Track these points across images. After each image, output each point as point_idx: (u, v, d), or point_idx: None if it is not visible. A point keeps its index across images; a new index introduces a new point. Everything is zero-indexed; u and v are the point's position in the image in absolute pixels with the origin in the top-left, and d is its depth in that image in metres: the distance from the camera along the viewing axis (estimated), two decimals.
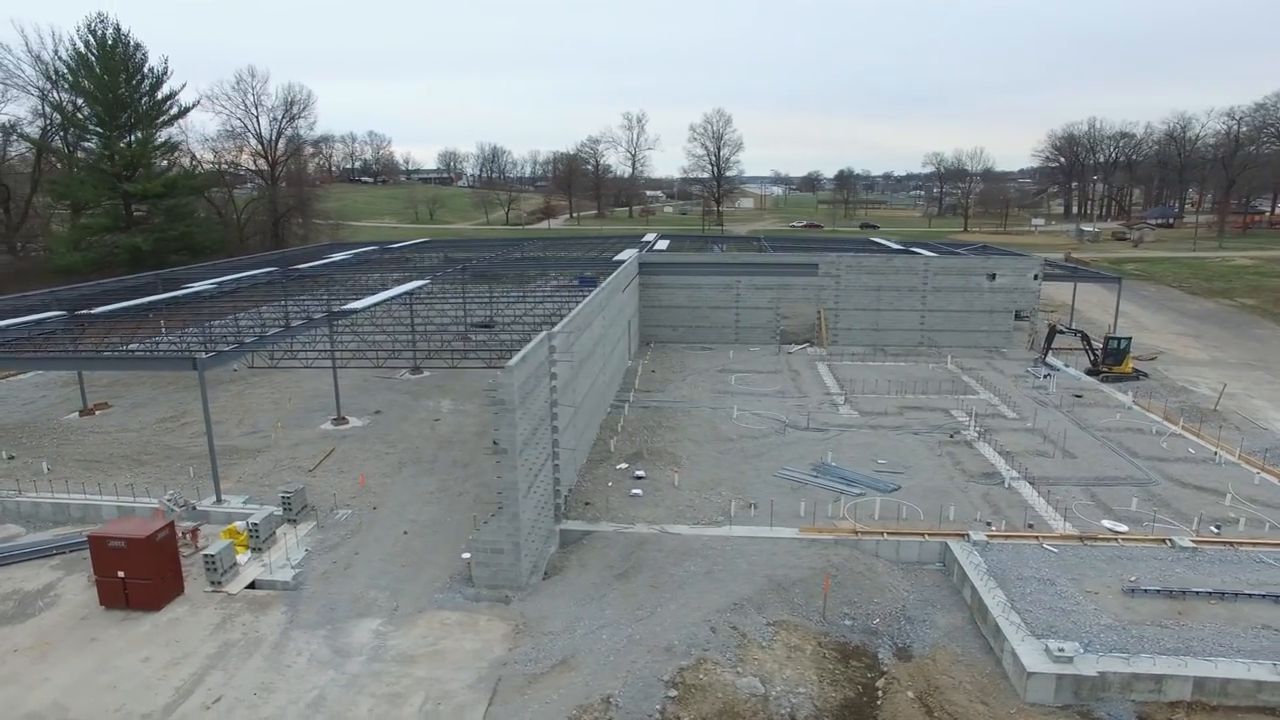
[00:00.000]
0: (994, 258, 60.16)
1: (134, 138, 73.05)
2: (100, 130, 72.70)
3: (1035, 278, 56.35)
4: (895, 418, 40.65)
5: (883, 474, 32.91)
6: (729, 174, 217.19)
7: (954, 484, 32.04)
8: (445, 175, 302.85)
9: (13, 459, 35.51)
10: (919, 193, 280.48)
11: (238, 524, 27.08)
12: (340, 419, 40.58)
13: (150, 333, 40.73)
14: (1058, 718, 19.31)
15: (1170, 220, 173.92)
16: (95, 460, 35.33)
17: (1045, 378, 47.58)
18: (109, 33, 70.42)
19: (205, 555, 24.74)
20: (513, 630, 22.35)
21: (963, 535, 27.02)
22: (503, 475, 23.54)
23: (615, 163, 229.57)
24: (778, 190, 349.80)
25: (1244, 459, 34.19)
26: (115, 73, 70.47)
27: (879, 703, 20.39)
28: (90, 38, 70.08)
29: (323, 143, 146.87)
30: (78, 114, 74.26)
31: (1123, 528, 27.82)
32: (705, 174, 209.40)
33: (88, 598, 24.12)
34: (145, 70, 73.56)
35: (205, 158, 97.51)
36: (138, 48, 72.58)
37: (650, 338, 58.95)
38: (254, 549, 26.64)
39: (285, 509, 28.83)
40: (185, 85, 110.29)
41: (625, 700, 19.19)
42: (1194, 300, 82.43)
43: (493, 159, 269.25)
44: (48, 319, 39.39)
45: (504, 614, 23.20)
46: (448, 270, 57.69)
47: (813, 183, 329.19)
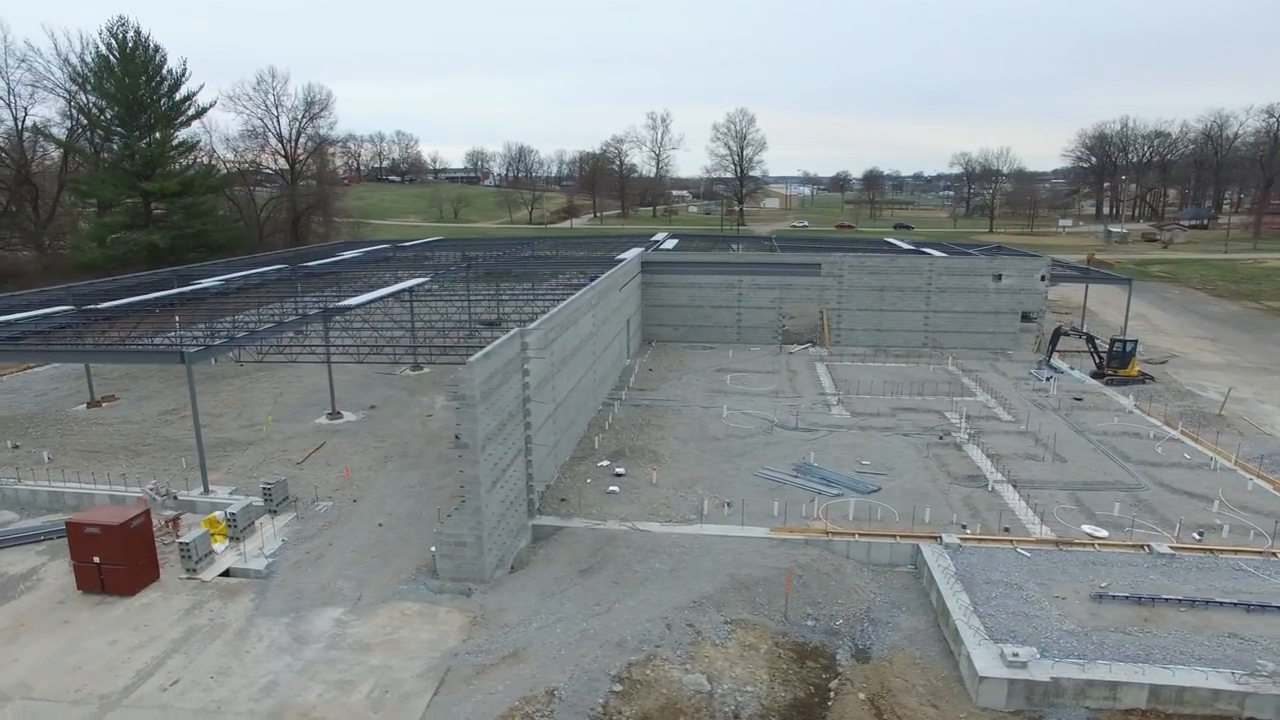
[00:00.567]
0: (1001, 258, 59.20)
1: (153, 138, 75.04)
2: (121, 131, 74.79)
3: (1042, 279, 55.36)
4: (887, 419, 40.26)
5: (864, 475, 32.63)
6: (752, 174, 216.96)
7: (936, 486, 31.67)
8: (472, 174, 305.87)
9: (17, 448, 36.67)
10: (949, 193, 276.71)
11: (217, 514, 27.72)
12: (335, 413, 41.27)
13: (152, 327, 41.76)
14: None
15: (1205, 221, 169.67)
16: (95, 450, 36.34)
17: (1047, 380, 46.76)
18: (129, 36, 72.47)
19: (180, 543, 25.39)
20: (470, 622, 22.61)
21: (935, 538, 26.74)
22: (464, 470, 23.81)
23: (640, 162, 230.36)
24: (805, 190, 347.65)
25: (1240, 465, 33.33)
26: (135, 75, 72.46)
27: (829, 704, 20.31)
28: (112, 41, 72.20)
29: (346, 142, 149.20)
30: (100, 115, 76.41)
31: (1102, 533, 27.30)
32: (728, 174, 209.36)
33: (67, 582, 24.84)
34: (164, 72, 75.56)
35: (227, 157, 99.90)
36: (157, 50, 74.57)
37: (652, 336, 59.02)
38: (232, 538, 27.24)
39: (266, 500, 29.43)
40: (203, 87, 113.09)
41: (569, 693, 19.32)
42: (1218, 303, 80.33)
43: (519, 158, 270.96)
44: (55, 313, 40.63)
45: (464, 606, 23.47)
46: (451, 269, 58.30)
47: (841, 183, 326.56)
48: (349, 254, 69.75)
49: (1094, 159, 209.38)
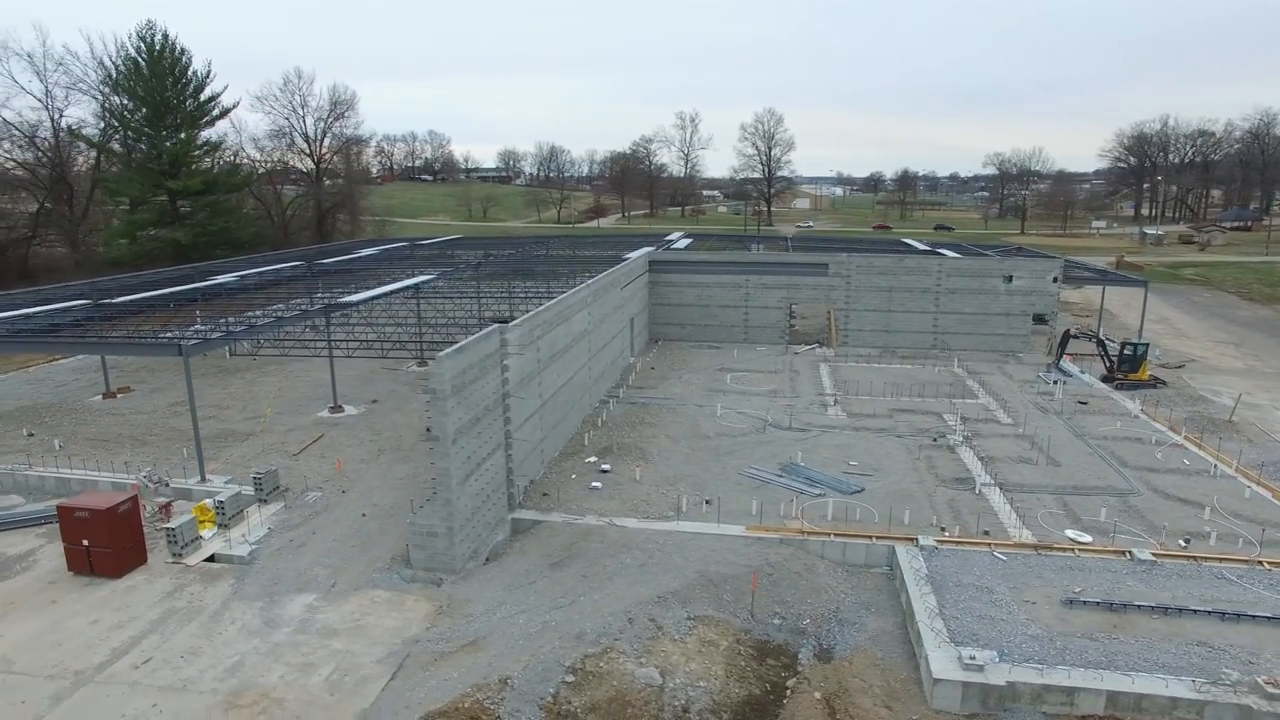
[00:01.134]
0: (1013, 259, 58.22)
1: (178, 138, 77.36)
2: (149, 131, 77.19)
3: (1055, 280, 54.33)
4: (883, 420, 39.92)
5: (851, 476, 32.45)
6: (781, 174, 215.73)
7: (922, 488, 31.37)
8: (504, 174, 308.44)
9: (32, 435, 38.12)
10: (984, 193, 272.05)
11: (206, 501, 28.57)
12: (337, 407, 42.15)
13: (163, 322, 43.08)
14: None
15: (1248, 223, 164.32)
16: (104, 439, 37.63)
17: (1055, 383, 45.92)
18: (157, 39, 74.83)
19: (166, 529, 26.25)
20: (435, 610, 23.04)
21: (912, 539, 26.54)
22: (436, 462, 24.26)
23: (669, 162, 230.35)
24: (838, 191, 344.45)
25: (1240, 471, 32.45)
26: (162, 77, 74.86)
27: (784, 702, 20.31)
28: (141, 44, 74.67)
29: (371, 140, 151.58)
30: (130, 116, 78.91)
31: (1086, 538, 26.84)
32: (756, 174, 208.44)
33: (61, 564, 25.82)
34: (190, 74, 77.88)
35: (254, 156, 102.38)
36: (183, 53, 77.00)
37: (659, 335, 59.17)
38: (220, 525, 28.07)
39: (256, 489, 30.25)
40: (228, 88, 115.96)
41: (522, 682, 19.60)
42: (1248, 306, 77.94)
43: (550, 158, 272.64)
44: (72, 307, 42.17)
45: (432, 595, 23.92)
46: (460, 266, 59.05)
47: (875, 184, 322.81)
48: (366, 251, 71.01)
49: (1132, 159, 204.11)
